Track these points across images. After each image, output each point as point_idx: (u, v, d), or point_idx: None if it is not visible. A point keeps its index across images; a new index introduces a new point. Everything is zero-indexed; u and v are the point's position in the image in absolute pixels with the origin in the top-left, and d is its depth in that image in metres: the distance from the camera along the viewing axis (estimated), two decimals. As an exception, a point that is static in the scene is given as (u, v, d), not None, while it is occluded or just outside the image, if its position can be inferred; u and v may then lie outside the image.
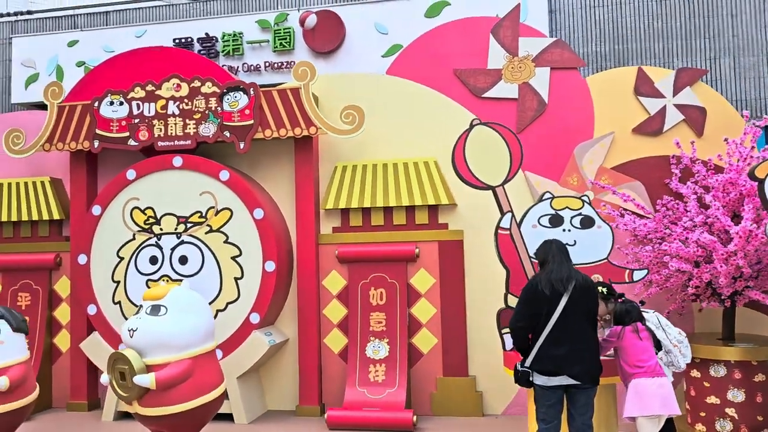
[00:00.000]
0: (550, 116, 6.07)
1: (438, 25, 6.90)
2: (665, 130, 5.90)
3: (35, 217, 6.88)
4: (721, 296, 5.08)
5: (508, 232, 4.34)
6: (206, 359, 4.70)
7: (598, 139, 5.99)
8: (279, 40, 7.66)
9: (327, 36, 7.53)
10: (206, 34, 7.83)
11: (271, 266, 6.06)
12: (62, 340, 6.87)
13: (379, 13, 7.52)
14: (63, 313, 6.85)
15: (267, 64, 7.72)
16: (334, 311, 6.36)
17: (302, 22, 7.52)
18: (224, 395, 4.79)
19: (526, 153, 5.11)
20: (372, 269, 6.24)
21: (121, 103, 6.40)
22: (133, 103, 6.39)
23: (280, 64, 7.69)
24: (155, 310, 4.56)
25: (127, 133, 6.38)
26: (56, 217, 6.85)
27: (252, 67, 7.73)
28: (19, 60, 8.41)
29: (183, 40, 7.88)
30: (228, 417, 5.95)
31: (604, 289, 4.01)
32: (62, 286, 6.90)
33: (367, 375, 6.03)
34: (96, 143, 6.45)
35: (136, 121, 6.37)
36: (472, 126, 4.47)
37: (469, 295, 6.10)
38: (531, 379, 3.85)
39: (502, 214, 4.43)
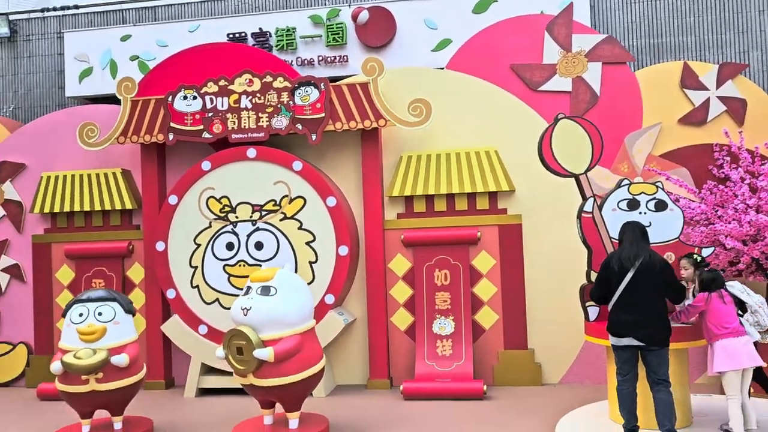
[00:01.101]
0: (601, 108, 6.53)
1: (488, 20, 7.43)
2: (709, 120, 6.41)
3: (108, 207, 7.21)
4: (767, 271, 5.62)
5: (590, 216, 4.81)
6: (310, 335, 5.14)
7: (646, 129, 6.49)
8: (332, 35, 8.01)
9: (379, 31, 7.90)
10: (260, 29, 8.15)
11: (344, 250, 6.48)
12: (136, 323, 7.16)
13: (428, 9, 7.89)
14: (136, 298, 7.18)
15: (320, 58, 8.08)
16: (400, 292, 6.80)
17: (355, 18, 7.88)
18: (324, 369, 5.23)
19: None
20: (436, 252, 6.69)
21: (195, 98, 6.74)
22: (207, 98, 6.72)
23: (332, 58, 8.06)
24: (266, 290, 4.97)
25: (201, 126, 6.73)
26: (128, 207, 7.18)
27: (305, 61, 8.08)
28: (72, 54, 8.64)
29: (237, 35, 8.18)
30: None
31: (698, 258, 4.58)
32: (135, 273, 7.26)
33: (435, 350, 6.51)
34: (171, 136, 6.79)
35: (210, 114, 6.72)
36: (557, 120, 4.90)
37: (528, 274, 6.58)
38: None
39: (584, 199, 4.88)
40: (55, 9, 9.18)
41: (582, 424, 4.70)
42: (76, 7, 9.18)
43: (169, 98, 6.77)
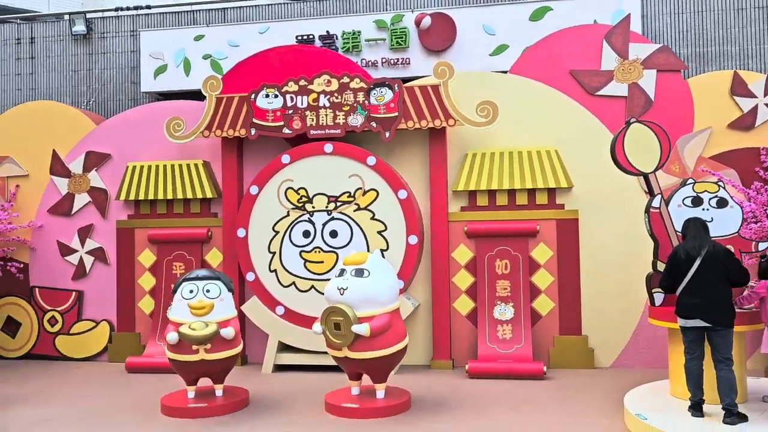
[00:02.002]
0: (655, 112, 7.01)
1: (543, 27, 7.96)
2: (756, 125, 6.89)
3: (189, 196, 7.76)
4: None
5: (658, 211, 5.29)
6: (397, 314, 5.67)
7: (697, 133, 6.98)
8: (395, 38, 8.51)
9: (440, 36, 8.40)
10: (327, 31, 8.67)
11: (414, 240, 7.01)
12: (213, 304, 7.78)
13: (487, 15, 8.38)
14: (213, 281, 7.75)
15: (383, 60, 8.59)
16: (462, 279, 7.32)
17: (418, 23, 8.38)
18: (407, 346, 5.75)
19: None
20: (497, 243, 7.20)
21: (276, 96, 7.27)
22: (287, 96, 7.25)
23: (395, 60, 8.56)
24: (359, 272, 5.50)
25: (282, 123, 7.26)
26: (208, 195, 7.72)
27: (369, 63, 8.58)
28: (147, 52, 9.19)
29: (305, 37, 8.70)
30: None
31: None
32: (212, 257, 7.81)
33: (496, 333, 7.03)
34: (253, 131, 7.33)
35: (290, 111, 7.25)
36: (629, 123, 5.39)
37: (583, 265, 7.08)
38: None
39: (652, 196, 5.37)
40: (128, 8, 9.74)
41: (648, 398, 5.19)
42: (149, 7, 9.74)
43: (252, 96, 7.31)
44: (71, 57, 9.76)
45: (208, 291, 5.64)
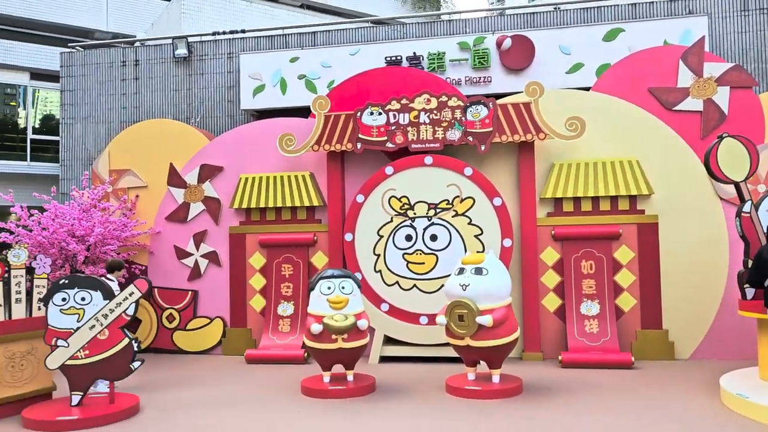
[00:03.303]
0: (728, 125, 7.66)
1: (616, 47, 8.70)
2: (823, 136, 7.55)
3: (297, 204, 8.57)
4: None
5: (748, 215, 5.96)
6: (510, 308, 6.39)
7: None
8: (478, 58, 9.28)
9: (520, 56, 9.15)
10: (413, 53, 9.46)
11: (508, 242, 7.75)
12: (318, 302, 8.58)
13: (564, 36, 9.11)
14: (318, 281, 8.56)
15: (466, 78, 9.35)
16: (550, 279, 8.03)
17: (499, 45, 9.14)
18: (518, 337, 6.47)
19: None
20: (583, 245, 7.90)
21: (380, 114, 8.07)
22: (390, 114, 8.05)
23: (477, 78, 9.33)
24: (479, 271, 6.24)
25: (385, 138, 8.06)
26: (315, 204, 8.53)
27: (453, 81, 9.35)
28: (246, 73, 10.06)
29: (393, 58, 9.51)
30: (453, 360, 7.57)
31: None
32: (317, 260, 8.61)
33: (584, 327, 7.72)
34: (359, 145, 8.13)
35: (393, 127, 8.04)
36: (721, 138, 6.08)
37: (663, 265, 7.75)
38: None
39: (743, 201, 6.05)
40: (224, 33, 10.64)
41: (741, 381, 5.85)
42: (243, 31, 10.63)
43: (358, 114, 8.12)
44: (172, 78, 10.67)
45: (343, 288, 6.43)
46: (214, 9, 15.16)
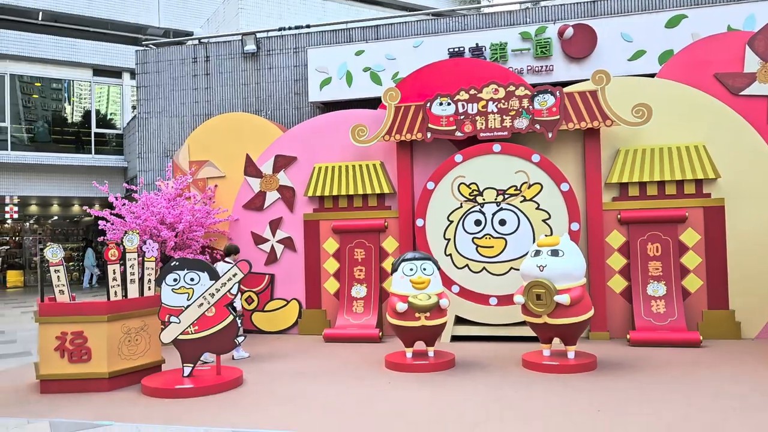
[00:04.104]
0: (796, 109, 7.81)
1: (678, 33, 8.79)
2: None
3: (369, 191, 9.00)
4: None
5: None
6: (585, 288, 6.71)
7: (836, 126, 7.73)
8: (540, 48, 9.52)
9: (581, 44, 9.35)
10: (476, 44, 9.75)
11: (576, 226, 8.04)
12: (390, 285, 9.00)
13: (625, 24, 9.28)
14: (389, 265, 8.94)
15: (528, 68, 9.61)
16: (615, 261, 8.29)
17: (561, 34, 9.36)
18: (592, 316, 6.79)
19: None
20: (649, 228, 8.13)
21: (449, 104, 8.41)
22: (459, 103, 8.39)
23: (539, 68, 9.57)
24: (555, 252, 6.56)
25: (454, 127, 8.40)
26: (385, 191, 8.95)
27: (515, 71, 9.60)
28: (314, 66, 10.50)
29: (456, 50, 9.82)
30: (533, 339, 7.93)
31: None
32: (388, 244, 9.04)
33: (650, 308, 7.97)
34: (429, 134, 8.50)
35: (462, 117, 8.38)
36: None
37: (729, 247, 7.93)
38: None
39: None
40: (290, 28, 11.08)
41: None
42: (308, 26, 11.06)
43: (428, 104, 8.48)
44: (241, 72, 11.19)
45: (424, 269, 6.84)
46: (272, 4, 15.64)
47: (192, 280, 6.22)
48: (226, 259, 7.87)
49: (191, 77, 11.41)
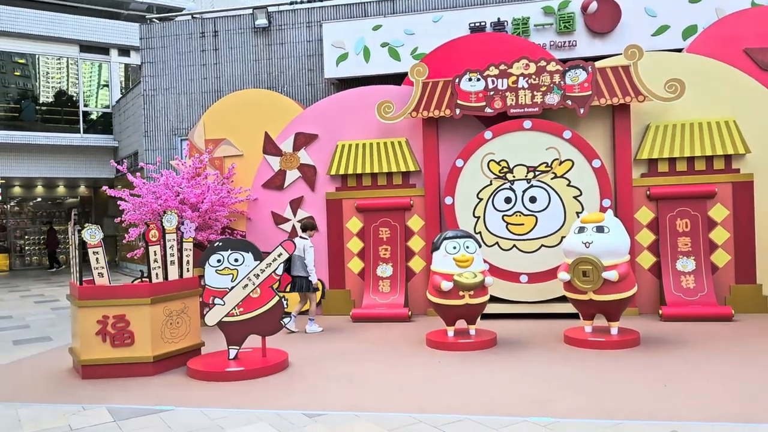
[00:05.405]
0: (825, 84, 7.86)
1: (703, 8, 8.74)
2: None
3: (393, 169, 8.85)
4: None
5: None
6: (629, 264, 6.70)
7: None
8: (563, 23, 9.42)
9: (605, 19, 9.28)
10: (498, 18, 9.61)
11: (607, 202, 8.03)
12: (415, 263, 8.93)
13: (650, -1, 9.24)
14: (415, 243, 8.89)
15: (551, 43, 9.51)
16: (644, 237, 8.32)
17: (584, 8, 9.27)
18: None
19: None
20: (678, 204, 8.17)
21: (479, 79, 8.27)
22: (489, 79, 8.26)
23: (562, 43, 9.48)
24: (600, 229, 6.53)
25: (484, 103, 8.28)
26: (411, 169, 8.81)
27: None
28: (329, 42, 10.24)
29: (477, 24, 9.66)
30: (564, 316, 7.96)
31: None
32: (413, 223, 8.93)
33: (680, 283, 8.04)
34: (457, 111, 8.36)
35: (491, 93, 8.26)
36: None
37: (758, 222, 8.02)
38: None
39: None
40: (302, 2, 10.78)
41: None
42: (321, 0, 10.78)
43: (456, 80, 8.33)
44: (252, 48, 10.87)
45: (467, 247, 6.75)
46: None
47: (236, 260, 6.04)
48: (302, 234, 7.97)
49: (199, 52, 11.06)
